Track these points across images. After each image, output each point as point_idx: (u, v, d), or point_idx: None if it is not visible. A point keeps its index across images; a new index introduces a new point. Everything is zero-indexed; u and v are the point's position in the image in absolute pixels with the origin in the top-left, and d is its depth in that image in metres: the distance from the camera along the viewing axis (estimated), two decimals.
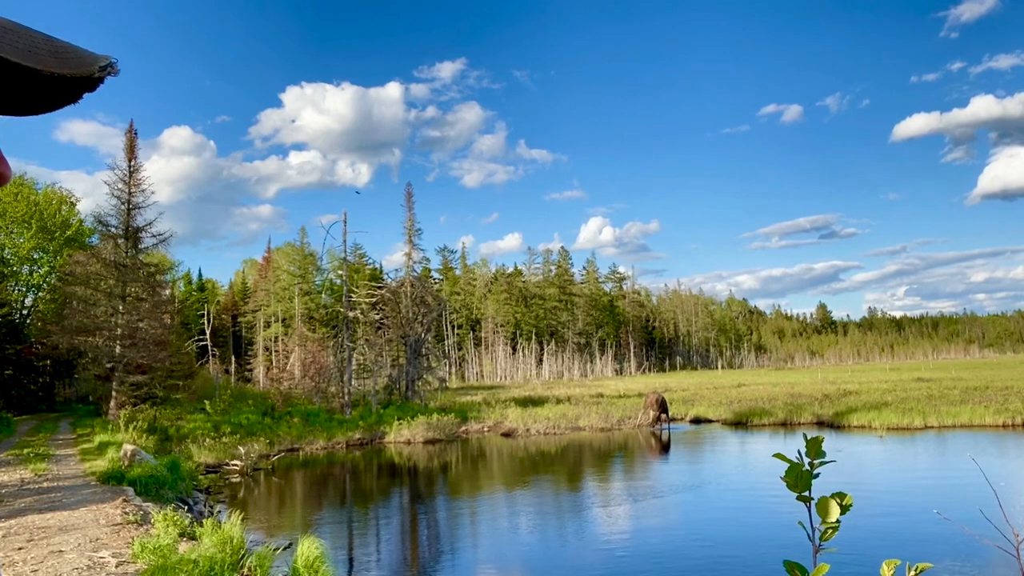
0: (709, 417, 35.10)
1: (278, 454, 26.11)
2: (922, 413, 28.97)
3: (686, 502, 16.35)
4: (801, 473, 1.15)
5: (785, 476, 1.16)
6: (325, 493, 20.49)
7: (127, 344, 32.40)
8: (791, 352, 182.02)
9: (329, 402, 38.48)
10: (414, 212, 47.53)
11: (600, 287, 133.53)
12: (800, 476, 1.15)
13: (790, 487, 1.17)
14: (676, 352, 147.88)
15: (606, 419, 33.88)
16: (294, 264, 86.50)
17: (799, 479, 1.15)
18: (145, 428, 25.59)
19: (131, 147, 34.99)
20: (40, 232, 47.38)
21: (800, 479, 1.15)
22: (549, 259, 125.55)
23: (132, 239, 34.42)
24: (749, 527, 13.40)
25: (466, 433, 32.95)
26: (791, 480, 1.16)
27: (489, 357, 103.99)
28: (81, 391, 46.90)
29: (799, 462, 1.17)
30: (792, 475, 1.15)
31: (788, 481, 1.16)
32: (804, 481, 1.15)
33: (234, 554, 8.65)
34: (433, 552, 13.25)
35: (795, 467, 1.16)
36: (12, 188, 47.31)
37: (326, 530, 14.90)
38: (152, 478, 15.01)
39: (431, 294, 46.59)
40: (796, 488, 1.16)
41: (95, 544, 9.02)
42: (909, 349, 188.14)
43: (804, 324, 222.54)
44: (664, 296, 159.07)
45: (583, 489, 19.26)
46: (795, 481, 1.15)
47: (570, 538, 13.64)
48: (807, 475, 1.16)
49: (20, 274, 48.58)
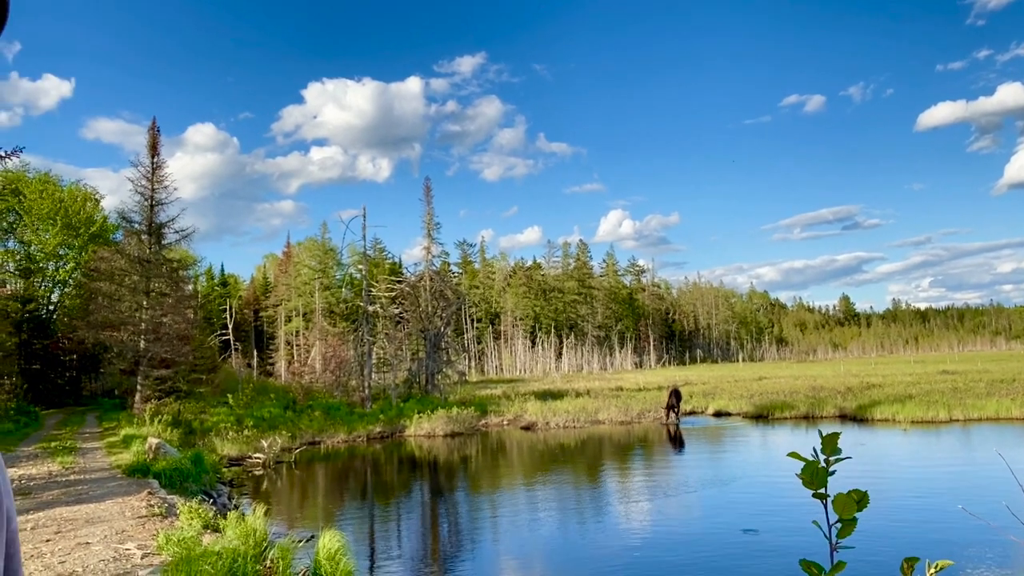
0: (729, 410, 34.89)
1: (300, 447, 26.37)
2: (947, 406, 28.57)
3: (705, 496, 16.28)
4: (817, 470, 1.14)
5: (801, 473, 1.15)
6: (346, 486, 20.66)
7: (151, 339, 32.84)
8: (813, 345, 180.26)
9: (350, 396, 38.77)
10: (433, 206, 47.70)
11: (619, 280, 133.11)
12: (816, 473, 1.14)
13: (806, 484, 1.16)
14: (696, 345, 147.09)
15: (626, 412, 33.80)
16: (315, 259, 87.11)
17: (815, 476, 1.14)
18: (169, 421, 25.98)
19: (154, 144, 35.38)
20: (65, 229, 48.12)
21: (816, 476, 1.14)
22: (568, 252, 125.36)
23: (155, 235, 34.85)
24: (768, 523, 13.32)
25: (486, 427, 33.05)
26: (807, 477, 1.14)
27: (508, 351, 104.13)
28: (107, 385, 47.65)
29: (815, 459, 1.15)
30: (808, 472, 1.14)
31: (804, 478, 1.15)
32: (820, 478, 1.14)
33: (257, 546, 8.75)
34: (454, 545, 13.33)
35: (811, 464, 1.15)
36: (38, 186, 48.11)
37: (347, 523, 15.03)
38: (176, 471, 15.23)
39: (450, 288, 46.73)
40: (812, 485, 1.15)
41: (121, 536, 9.18)
42: (934, 341, 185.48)
43: (826, 316, 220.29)
44: (684, 289, 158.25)
45: (603, 483, 19.25)
46: (811, 478, 1.14)
47: (590, 532, 13.65)
48: (823, 472, 1.15)
49: (46, 270, 49.42)
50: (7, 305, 40.34)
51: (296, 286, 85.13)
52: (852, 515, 1.14)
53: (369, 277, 43.43)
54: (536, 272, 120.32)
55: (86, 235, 49.45)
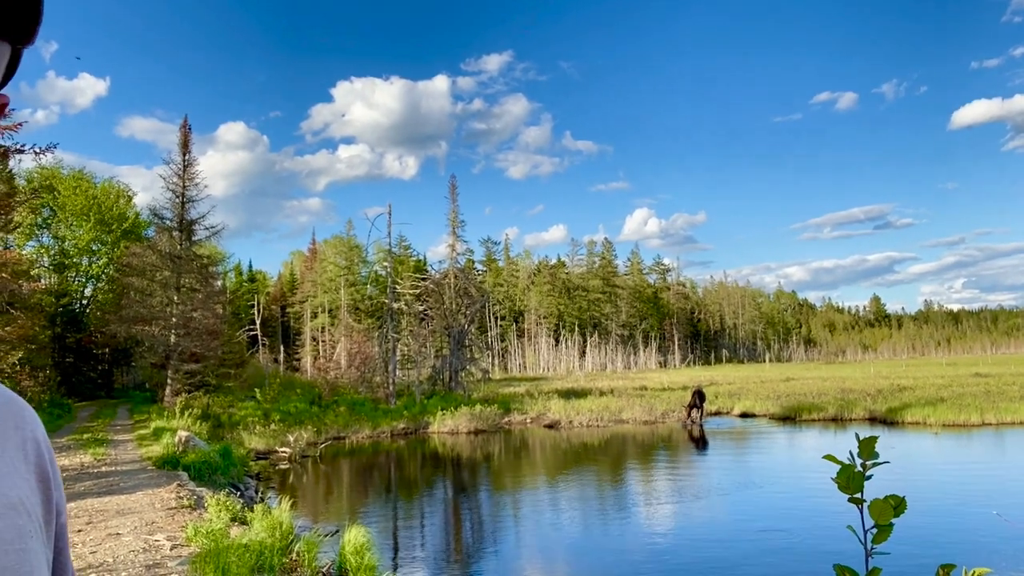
0: (755, 411, 34.51)
1: (325, 442, 26.61)
2: (979, 409, 27.99)
3: (732, 498, 16.13)
4: (853, 474, 1.12)
5: (836, 477, 1.13)
6: (371, 481, 20.82)
7: (181, 333, 33.38)
8: (842, 346, 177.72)
9: (374, 392, 39.04)
10: (458, 204, 47.85)
11: (644, 279, 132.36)
12: (852, 477, 1.12)
13: (842, 488, 1.14)
14: (722, 345, 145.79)
15: (650, 412, 33.60)
16: (340, 256, 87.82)
17: (851, 480, 1.12)
18: (199, 415, 26.37)
19: (185, 142, 35.94)
20: (98, 225, 49.08)
21: (852, 480, 1.12)
22: (593, 251, 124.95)
23: (186, 231, 35.41)
24: (797, 526, 13.16)
25: (509, 424, 33.07)
26: (843, 482, 1.12)
27: (532, 349, 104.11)
28: (138, 378, 48.54)
29: (851, 463, 1.13)
30: (844, 476, 1.12)
31: (840, 482, 1.13)
32: (856, 483, 1.12)
33: (283, 539, 8.86)
34: (476, 543, 13.36)
35: (846, 468, 1.13)
36: (72, 182, 49.12)
37: (371, 517, 15.14)
38: (205, 464, 15.46)
39: (474, 286, 46.82)
40: (848, 490, 1.13)
41: (151, 527, 9.34)
42: (966, 343, 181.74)
43: (856, 317, 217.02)
44: (710, 288, 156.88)
45: (627, 483, 19.17)
46: (847, 483, 1.12)
47: (614, 533, 13.59)
48: (859, 476, 1.13)
49: (80, 265, 50.42)
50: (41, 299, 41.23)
51: (322, 283, 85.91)
52: (889, 521, 1.12)
53: (394, 274, 43.70)
54: (560, 270, 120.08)
55: (119, 231, 50.39)
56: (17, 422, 0.69)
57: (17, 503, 0.62)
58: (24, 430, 0.70)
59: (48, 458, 0.73)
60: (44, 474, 0.71)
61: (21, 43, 0.59)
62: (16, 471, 0.65)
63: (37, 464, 0.70)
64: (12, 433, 0.68)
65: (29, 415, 0.73)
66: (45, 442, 0.73)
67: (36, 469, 0.69)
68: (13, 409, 0.70)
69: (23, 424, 0.70)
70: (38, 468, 0.70)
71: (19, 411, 0.71)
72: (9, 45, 0.58)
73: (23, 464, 0.67)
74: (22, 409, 0.71)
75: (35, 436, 0.71)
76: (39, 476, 0.69)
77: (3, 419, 0.68)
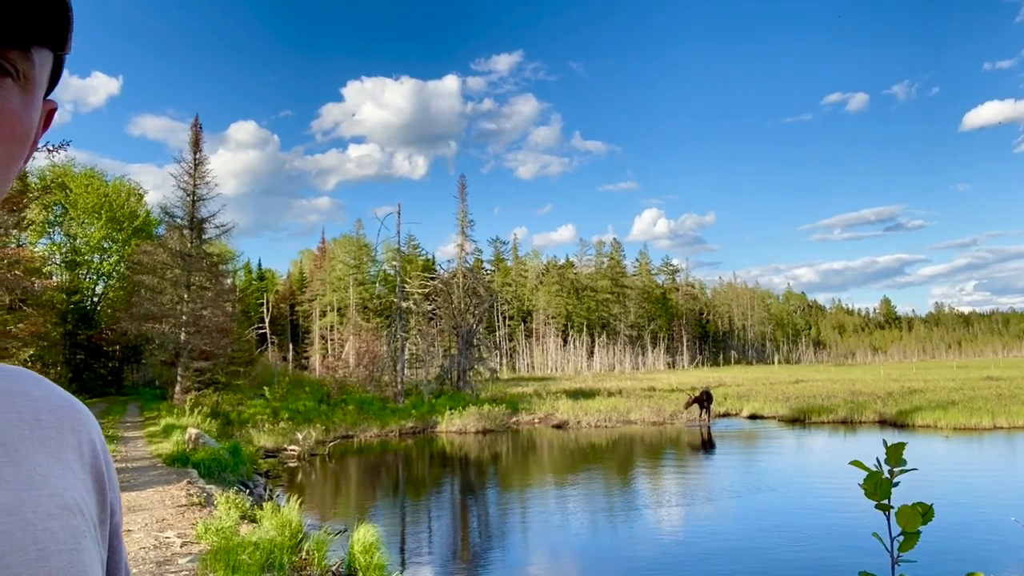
0: (764, 413, 34.37)
1: (333, 440, 26.68)
2: (991, 413, 27.78)
3: (743, 501, 16.06)
4: (880, 481, 1.11)
5: (864, 484, 1.12)
6: (379, 480, 20.85)
7: (191, 331, 33.53)
8: (852, 348, 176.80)
9: (382, 391, 39.10)
10: (467, 204, 47.83)
11: (652, 279, 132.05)
12: (880, 484, 1.10)
13: (868, 495, 1.12)
14: (730, 346, 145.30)
15: (658, 413, 33.52)
16: (349, 255, 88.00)
17: (878, 487, 1.10)
18: (208, 412, 26.48)
19: (196, 141, 36.10)
20: (110, 222, 49.38)
21: (879, 487, 1.10)
22: (601, 251, 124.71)
23: (197, 230, 35.56)
24: (811, 532, 13.09)
25: (517, 424, 33.06)
26: (870, 488, 1.11)
27: (540, 348, 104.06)
28: (148, 376, 48.83)
29: (878, 470, 1.12)
30: (871, 483, 1.11)
31: (867, 489, 1.12)
32: (883, 489, 1.11)
33: (292, 538, 8.88)
34: (484, 542, 13.36)
35: (874, 475, 1.11)
36: (83, 180, 49.43)
37: (379, 516, 15.17)
38: (215, 461, 15.52)
39: (483, 285, 46.82)
40: (875, 496, 1.12)
41: (161, 524, 9.38)
42: (978, 346, 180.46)
43: (866, 319, 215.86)
44: (719, 289, 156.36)
45: (636, 485, 19.12)
46: (874, 489, 1.11)
47: (620, 533, 13.56)
48: (886, 483, 1.11)
49: (91, 263, 50.74)
50: (53, 296, 41.53)
51: (331, 281, 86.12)
52: (916, 528, 1.10)
53: (403, 273, 43.75)
54: (569, 270, 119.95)
55: (130, 229, 50.68)
56: (74, 424, 0.71)
57: (72, 504, 0.64)
58: (80, 432, 0.72)
59: (103, 459, 0.75)
60: (99, 475, 0.73)
61: (60, 50, 0.61)
62: (72, 472, 0.67)
63: (93, 465, 0.72)
64: (69, 435, 0.70)
65: (86, 417, 0.75)
66: (101, 443, 0.76)
67: (91, 470, 0.71)
68: (71, 411, 0.72)
69: (80, 426, 0.72)
70: (93, 469, 0.72)
71: (76, 413, 0.73)
72: (51, 52, 0.61)
73: (79, 465, 0.69)
74: (79, 411, 0.74)
75: (91, 437, 0.73)
76: (94, 477, 0.72)
77: (60, 421, 0.70)
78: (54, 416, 0.69)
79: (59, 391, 0.73)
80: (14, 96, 0.57)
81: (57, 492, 0.63)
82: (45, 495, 0.61)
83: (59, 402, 0.71)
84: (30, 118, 0.60)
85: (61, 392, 0.74)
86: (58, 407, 0.71)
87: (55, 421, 0.69)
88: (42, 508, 0.60)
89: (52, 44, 0.59)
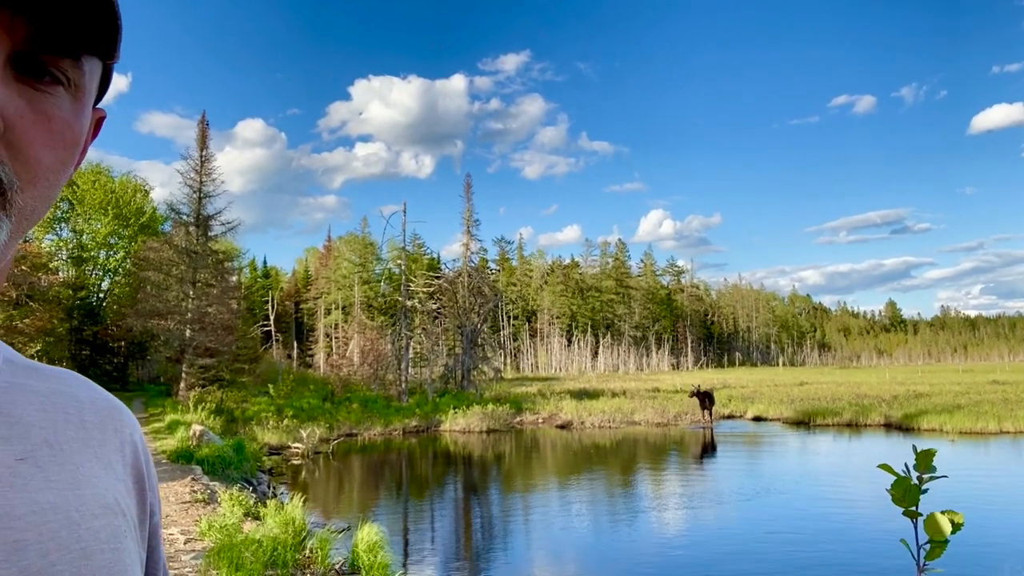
0: (769, 415, 34.25)
1: (337, 438, 26.69)
2: (997, 417, 27.62)
3: (750, 503, 15.99)
4: (909, 487, 1.07)
5: (892, 489, 1.08)
6: (382, 479, 20.84)
7: (197, 328, 33.58)
8: (857, 351, 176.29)
9: (387, 389, 39.11)
10: (473, 203, 47.83)
11: (657, 280, 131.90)
12: (908, 490, 1.07)
13: (896, 501, 1.09)
14: (735, 348, 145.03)
15: (662, 414, 33.45)
16: (354, 253, 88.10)
17: (907, 494, 1.07)
18: (212, 409, 26.51)
19: (203, 138, 36.16)
20: (116, 219, 49.48)
21: (908, 494, 1.07)
22: (606, 251, 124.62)
23: (202, 227, 35.62)
24: (819, 536, 13.02)
25: (521, 424, 33.02)
26: (898, 494, 1.07)
27: (544, 348, 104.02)
28: (153, 372, 48.97)
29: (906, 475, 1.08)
30: (900, 489, 1.07)
31: (895, 495, 1.08)
32: (912, 496, 1.07)
33: (296, 535, 8.87)
34: (487, 542, 13.34)
35: (902, 480, 1.08)
36: (90, 176, 49.54)
37: (382, 515, 15.15)
38: (219, 458, 15.53)
39: (488, 285, 46.80)
40: (903, 503, 1.08)
41: (165, 521, 9.37)
42: (983, 350, 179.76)
43: (871, 322, 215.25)
44: (724, 290, 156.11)
45: (639, 485, 19.07)
46: (902, 495, 1.07)
47: (623, 535, 13.52)
48: (915, 490, 1.08)
49: (97, 259, 50.86)
50: (59, 292, 41.63)
51: (336, 279, 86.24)
52: (945, 538, 1.07)
53: (408, 272, 43.77)
54: (574, 270, 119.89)
55: (136, 225, 50.79)
56: (117, 425, 0.73)
57: (113, 504, 0.66)
58: (123, 433, 0.73)
59: (144, 460, 0.76)
60: (140, 476, 0.74)
61: (109, 59, 0.63)
62: (114, 473, 0.69)
63: (134, 466, 0.74)
64: (112, 436, 0.71)
65: (128, 419, 0.76)
66: (142, 445, 0.77)
67: (132, 471, 0.73)
68: (114, 413, 0.74)
69: (122, 427, 0.74)
70: (135, 470, 0.74)
71: (119, 415, 0.74)
72: (100, 62, 0.62)
73: (121, 466, 0.71)
74: (122, 413, 0.75)
75: (133, 439, 0.75)
76: (135, 477, 0.73)
77: (104, 422, 0.71)
78: (98, 417, 0.71)
79: (104, 393, 0.75)
80: (65, 104, 0.59)
81: (100, 492, 0.65)
82: (88, 495, 0.63)
83: (103, 404, 0.73)
84: (80, 125, 0.62)
85: (106, 394, 0.75)
86: (102, 409, 0.72)
87: (99, 422, 0.70)
88: (85, 507, 0.62)
89: (101, 53, 0.61)
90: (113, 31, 0.60)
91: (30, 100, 0.56)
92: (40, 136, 0.57)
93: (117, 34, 0.60)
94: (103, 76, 0.65)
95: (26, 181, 0.56)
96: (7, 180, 0.55)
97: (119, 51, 0.62)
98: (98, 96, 0.66)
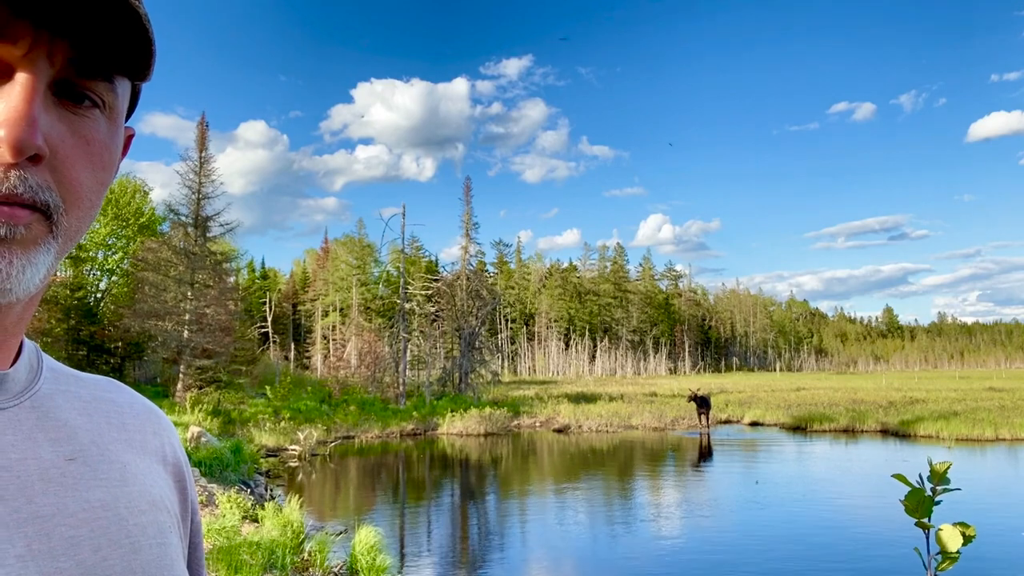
0: (766, 421, 34.27)
1: (335, 441, 26.66)
2: (993, 424, 27.67)
3: (745, 509, 16.01)
4: (923, 499, 1.08)
5: (905, 500, 1.10)
6: (379, 481, 20.82)
7: (194, 329, 33.54)
8: (854, 356, 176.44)
9: (384, 392, 39.07)
10: (472, 206, 47.84)
11: (655, 284, 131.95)
12: (922, 502, 1.08)
13: (909, 512, 1.10)
14: (732, 353, 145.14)
15: (659, 418, 33.45)
16: (352, 255, 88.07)
17: (920, 505, 1.08)
18: (210, 411, 26.47)
19: (202, 139, 36.15)
20: (115, 219, 49.43)
21: (921, 505, 1.08)
22: (605, 255, 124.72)
23: (201, 228, 35.59)
24: (818, 543, 13.03)
25: (518, 427, 33.00)
26: (911, 505, 1.09)
27: (542, 352, 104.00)
28: (150, 373, 48.78)
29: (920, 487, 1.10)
30: (913, 500, 1.08)
31: (908, 506, 1.09)
32: (925, 507, 1.09)
33: (294, 538, 8.86)
34: (484, 545, 13.32)
35: (916, 492, 1.09)
36: None
37: (380, 517, 15.13)
38: (217, 460, 15.51)
39: (486, 288, 46.81)
40: (916, 514, 1.09)
41: None
42: (980, 357, 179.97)
43: (868, 328, 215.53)
44: (721, 295, 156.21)
45: (636, 490, 19.07)
46: (916, 506, 1.09)
47: (619, 539, 13.52)
48: (928, 501, 1.09)
49: (96, 259, 50.77)
50: (57, 292, 41.50)
51: (334, 281, 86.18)
52: (958, 549, 1.08)
53: (406, 274, 43.75)
54: (572, 274, 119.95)
55: (135, 226, 50.73)
56: (155, 429, 0.76)
57: (158, 500, 0.69)
58: (162, 435, 0.77)
59: (183, 461, 0.79)
60: (180, 475, 0.78)
61: (139, 79, 0.64)
62: (156, 472, 0.73)
63: (175, 466, 0.77)
64: (151, 438, 0.75)
65: (165, 422, 0.79)
66: (180, 447, 0.81)
67: (173, 471, 0.77)
68: (152, 417, 0.77)
69: (160, 430, 0.77)
70: (175, 470, 0.77)
71: (156, 419, 0.78)
72: (129, 82, 0.65)
73: (161, 466, 0.74)
74: (160, 417, 0.79)
75: (171, 441, 0.78)
76: (176, 477, 0.77)
77: (143, 425, 0.75)
78: (137, 420, 0.74)
79: (141, 398, 0.78)
80: (102, 126, 0.61)
81: (145, 489, 0.68)
82: (135, 492, 0.66)
83: (141, 408, 0.77)
84: (116, 146, 0.64)
85: (142, 399, 0.78)
86: (140, 412, 0.76)
87: (138, 425, 0.74)
88: (133, 504, 0.65)
89: (134, 74, 0.62)
90: (147, 54, 0.61)
91: (70, 124, 0.58)
92: (81, 159, 0.58)
93: (151, 56, 0.61)
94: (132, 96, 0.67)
95: (70, 204, 0.58)
96: (54, 204, 0.56)
97: (152, 72, 0.63)
98: (128, 114, 0.68)
